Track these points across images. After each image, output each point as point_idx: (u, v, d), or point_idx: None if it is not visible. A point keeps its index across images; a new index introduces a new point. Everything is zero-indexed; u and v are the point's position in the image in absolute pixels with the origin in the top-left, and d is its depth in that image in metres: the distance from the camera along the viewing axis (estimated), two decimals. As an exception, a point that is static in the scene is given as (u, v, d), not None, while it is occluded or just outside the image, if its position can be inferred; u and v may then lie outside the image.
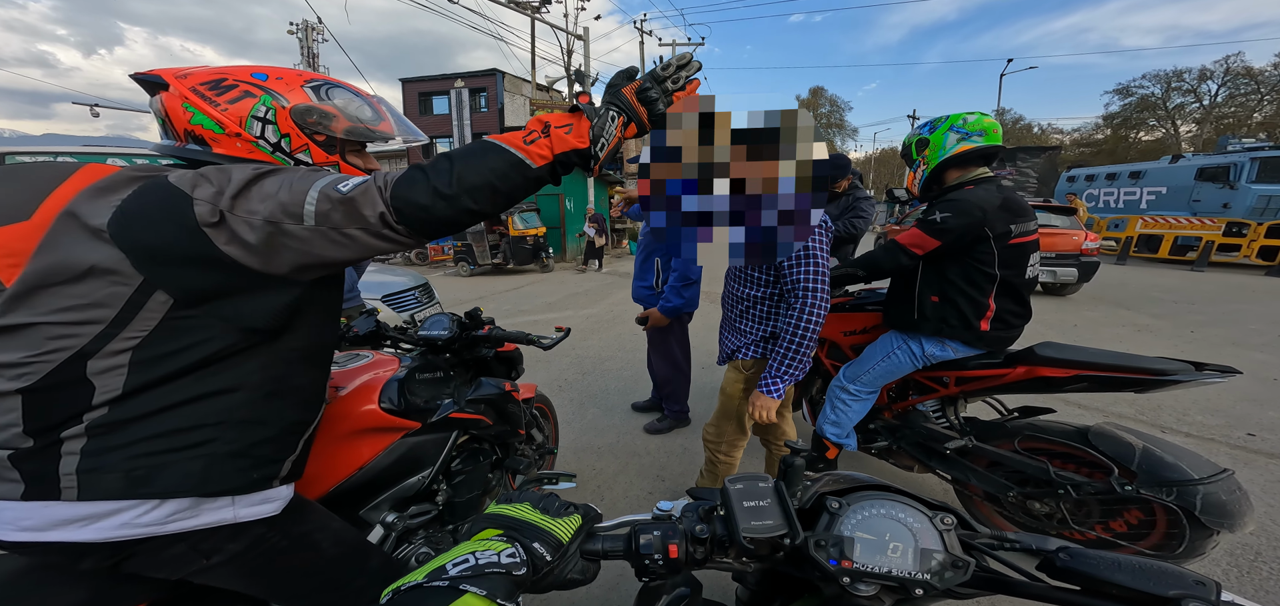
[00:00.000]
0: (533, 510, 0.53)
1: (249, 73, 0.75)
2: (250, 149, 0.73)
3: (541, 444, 2.04)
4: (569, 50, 11.87)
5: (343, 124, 0.81)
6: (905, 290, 1.73)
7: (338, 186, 0.64)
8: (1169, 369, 1.40)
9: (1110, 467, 1.45)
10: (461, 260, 10.41)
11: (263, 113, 0.73)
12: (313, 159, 0.78)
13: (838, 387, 1.89)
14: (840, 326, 2.05)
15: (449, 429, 1.28)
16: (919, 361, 1.72)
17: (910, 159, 1.74)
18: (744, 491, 0.51)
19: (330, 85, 0.82)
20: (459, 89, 21.98)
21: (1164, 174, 11.37)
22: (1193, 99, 29.46)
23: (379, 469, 1.09)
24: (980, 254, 1.56)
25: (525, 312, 6.12)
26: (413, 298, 3.72)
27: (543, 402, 2.11)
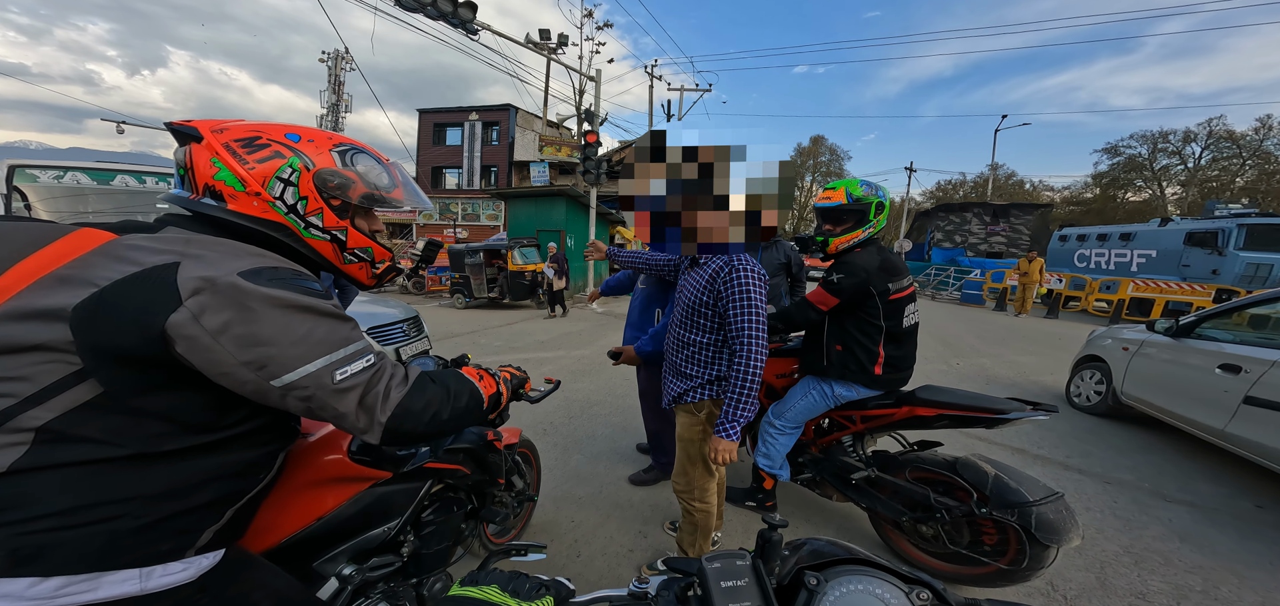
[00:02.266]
0: (501, 593, 0.52)
1: (284, 133, 0.77)
2: (266, 208, 0.74)
3: (521, 491, 1.99)
4: (581, 90, 12.37)
5: (360, 190, 0.82)
6: (816, 339, 1.99)
7: (337, 374, 0.68)
8: (1007, 408, 1.73)
9: (971, 493, 1.72)
10: (458, 292, 10.44)
11: (288, 175, 0.75)
12: (324, 223, 0.80)
13: (766, 423, 2.13)
14: (773, 369, 2.30)
15: (423, 478, 1.24)
16: (830, 401, 1.97)
17: (864, 220, 1.87)
18: (721, 571, 0.50)
19: (356, 150, 0.84)
20: (473, 121, 22.75)
21: (1153, 237, 11.58)
22: (1177, 161, 30.40)
23: (341, 519, 1.04)
24: (868, 308, 1.84)
25: (517, 350, 6.10)
26: (401, 331, 3.73)
27: (526, 448, 2.07)
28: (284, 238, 0.77)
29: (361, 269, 0.90)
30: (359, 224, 0.86)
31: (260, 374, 0.64)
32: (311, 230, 0.79)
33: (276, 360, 0.65)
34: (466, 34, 7.20)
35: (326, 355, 0.68)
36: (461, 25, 6.90)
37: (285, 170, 0.75)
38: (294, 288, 0.67)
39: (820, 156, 51.16)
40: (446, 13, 6.66)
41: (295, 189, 0.76)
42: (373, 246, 0.89)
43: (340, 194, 0.81)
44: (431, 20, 6.78)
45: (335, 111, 21.64)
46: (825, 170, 51.32)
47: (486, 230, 21.32)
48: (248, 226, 0.74)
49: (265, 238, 0.76)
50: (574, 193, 12.17)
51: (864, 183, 1.85)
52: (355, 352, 0.71)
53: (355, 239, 0.85)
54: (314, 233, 0.80)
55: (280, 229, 0.76)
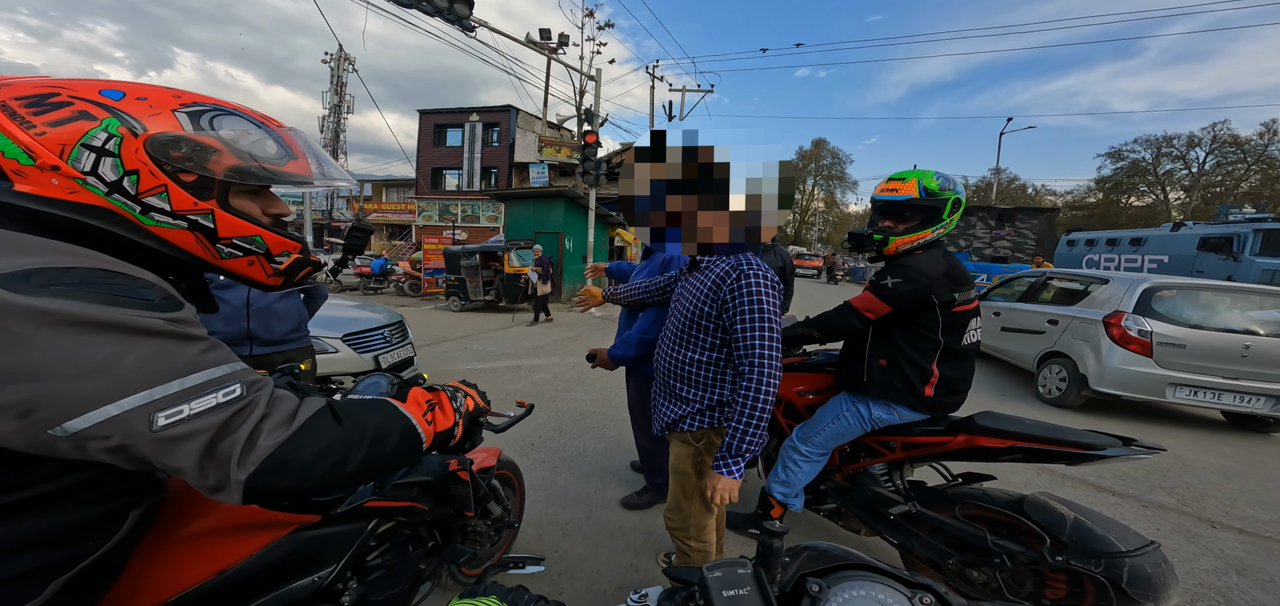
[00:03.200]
0: (500, 604, 0.52)
1: (97, 89, 0.57)
2: (72, 186, 0.54)
3: (500, 518, 1.78)
4: (582, 91, 12.21)
5: (228, 161, 0.62)
6: (856, 352, 1.75)
7: (160, 418, 0.50)
8: (1099, 443, 1.45)
9: (1043, 537, 1.48)
10: (453, 295, 10.27)
11: (101, 141, 0.54)
12: (172, 205, 0.59)
13: (790, 448, 1.90)
14: (795, 385, 2.05)
15: (365, 518, 1.05)
16: (867, 425, 1.73)
17: (934, 218, 1.60)
18: (722, 580, 0.50)
19: (218, 111, 0.64)
20: (473, 122, 22.66)
21: (1165, 242, 11.33)
22: (1181, 165, 30.15)
23: (253, 570, 0.86)
24: (926, 320, 1.59)
25: (510, 355, 5.89)
26: (382, 337, 3.51)
27: (508, 469, 1.87)
28: (113, 227, 0.57)
29: (253, 265, 0.70)
30: (238, 205, 0.66)
31: (26, 421, 0.47)
32: (154, 215, 0.59)
33: (51, 400, 0.47)
34: (463, 30, 7.02)
35: (140, 392, 0.49)
36: (457, 21, 6.72)
37: (97, 136, 0.55)
38: (90, 297, 0.48)
39: (822, 159, 51.07)
40: (442, 8, 6.49)
41: (116, 161, 0.56)
42: (263, 234, 0.68)
43: (193, 166, 0.60)
44: (428, 16, 6.60)
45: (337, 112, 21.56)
46: (827, 173, 51.22)
47: (486, 232, 21.18)
48: (49, 214, 0.54)
49: (82, 228, 0.56)
50: (573, 194, 12.00)
51: (940, 175, 1.59)
52: (196, 386, 0.53)
53: (230, 224, 0.64)
54: (159, 219, 0.59)
55: (103, 215, 0.56)
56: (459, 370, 5.10)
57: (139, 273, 0.54)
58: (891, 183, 1.65)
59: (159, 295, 0.54)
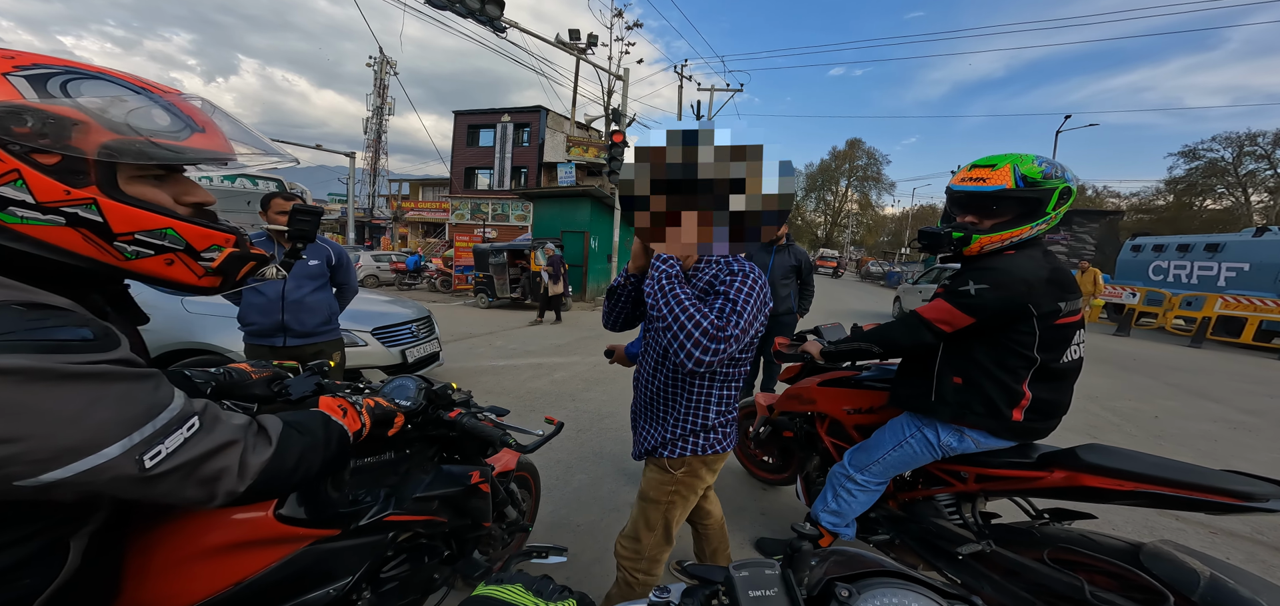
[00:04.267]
0: (526, 593, 0.53)
1: None
2: None
3: (515, 521, 1.78)
4: (610, 91, 12.27)
5: (99, 136, 0.51)
6: (921, 368, 1.53)
7: (147, 459, 0.49)
8: (1258, 493, 1.15)
9: (1166, 595, 1.20)
10: (481, 292, 10.52)
11: None
12: (36, 196, 0.48)
13: (842, 475, 1.70)
14: (844, 402, 1.86)
15: (383, 530, 1.06)
16: (937, 452, 1.51)
17: (1035, 212, 1.33)
18: (749, 580, 0.50)
19: (73, 74, 0.51)
20: (505, 123, 23.21)
21: (1247, 248, 10.22)
22: (1266, 165, 27.16)
23: (268, 582, 0.87)
24: (1019, 334, 1.35)
25: (531, 353, 5.96)
26: (409, 332, 3.61)
27: (526, 471, 1.87)
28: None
29: (174, 264, 0.58)
30: (136, 193, 0.55)
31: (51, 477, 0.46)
32: (14, 211, 0.48)
33: (25, 461, 0.45)
34: (494, 31, 7.17)
35: (126, 437, 0.49)
36: (489, 22, 6.87)
37: None
38: (33, 348, 0.44)
39: (857, 160, 49.28)
40: (474, 10, 6.65)
41: None
42: (177, 226, 0.57)
43: (51, 144, 0.49)
44: (461, 18, 6.78)
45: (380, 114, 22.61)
46: (862, 174, 49.34)
47: (515, 230, 21.66)
48: None
49: None
50: (599, 193, 12.06)
51: (1042, 159, 1.33)
52: (168, 423, 0.52)
53: (125, 216, 0.53)
54: (24, 215, 0.49)
55: None
56: (481, 367, 5.21)
57: (51, 300, 0.48)
58: (976, 170, 1.39)
59: (94, 329, 0.49)
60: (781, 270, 3.74)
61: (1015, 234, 1.35)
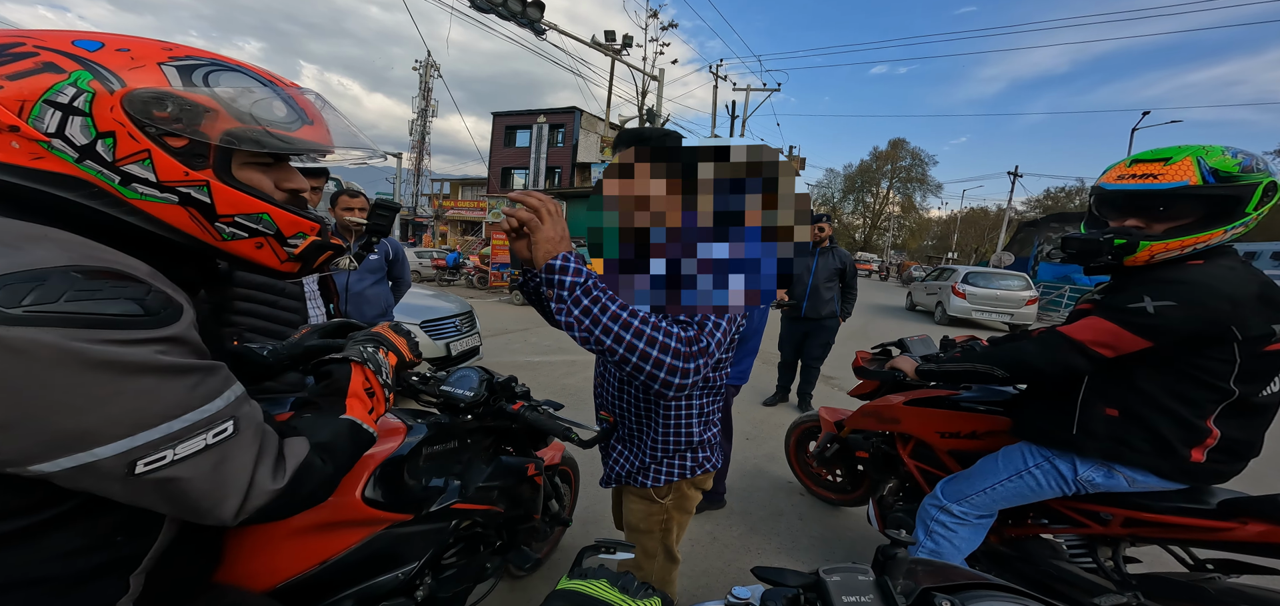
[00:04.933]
0: (611, 588, 0.53)
1: (69, 39, 0.49)
2: (35, 152, 0.46)
3: (556, 514, 1.80)
4: (644, 91, 12.30)
5: (224, 124, 0.53)
6: (1057, 393, 1.31)
7: (139, 464, 0.46)
8: None
9: None
10: (516, 289, 10.79)
11: (67, 98, 0.46)
12: (158, 174, 0.50)
13: (936, 508, 1.50)
14: (936, 425, 1.65)
15: (448, 518, 1.10)
16: (1069, 488, 1.30)
17: (1227, 213, 1.10)
18: (842, 584, 0.48)
19: (216, 66, 0.54)
20: (540, 124, 23.74)
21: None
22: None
23: (349, 563, 0.91)
24: (1211, 361, 1.11)
25: (565, 349, 6.04)
26: (453, 326, 3.74)
27: (568, 466, 1.90)
28: (90, 202, 0.49)
29: (263, 248, 0.60)
30: (242, 178, 0.57)
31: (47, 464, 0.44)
32: (137, 187, 0.50)
33: (17, 447, 0.43)
34: (534, 33, 7.34)
35: (124, 439, 0.45)
36: (529, 24, 7.04)
37: (63, 91, 0.46)
38: (69, 321, 0.42)
39: (900, 160, 47.00)
40: (516, 12, 6.84)
41: (87, 121, 0.47)
42: (271, 211, 0.59)
43: (182, 129, 0.51)
44: (503, 20, 6.99)
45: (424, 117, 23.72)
46: (905, 175, 47.05)
47: (548, 229, 22.06)
48: (14, 185, 0.47)
49: (54, 203, 0.48)
50: (632, 193, 12.10)
51: (1234, 150, 1.11)
52: (187, 428, 0.49)
53: (230, 199, 0.55)
54: (144, 191, 0.51)
55: (76, 186, 0.48)
56: (517, 361, 5.33)
57: (126, 266, 0.48)
58: (1141, 166, 1.18)
59: (148, 303, 0.47)
60: (825, 273, 3.63)
61: (1203, 239, 1.11)
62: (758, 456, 3.05)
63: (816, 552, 2.17)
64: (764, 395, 4.15)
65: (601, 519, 2.30)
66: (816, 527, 2.35)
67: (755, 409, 3.92)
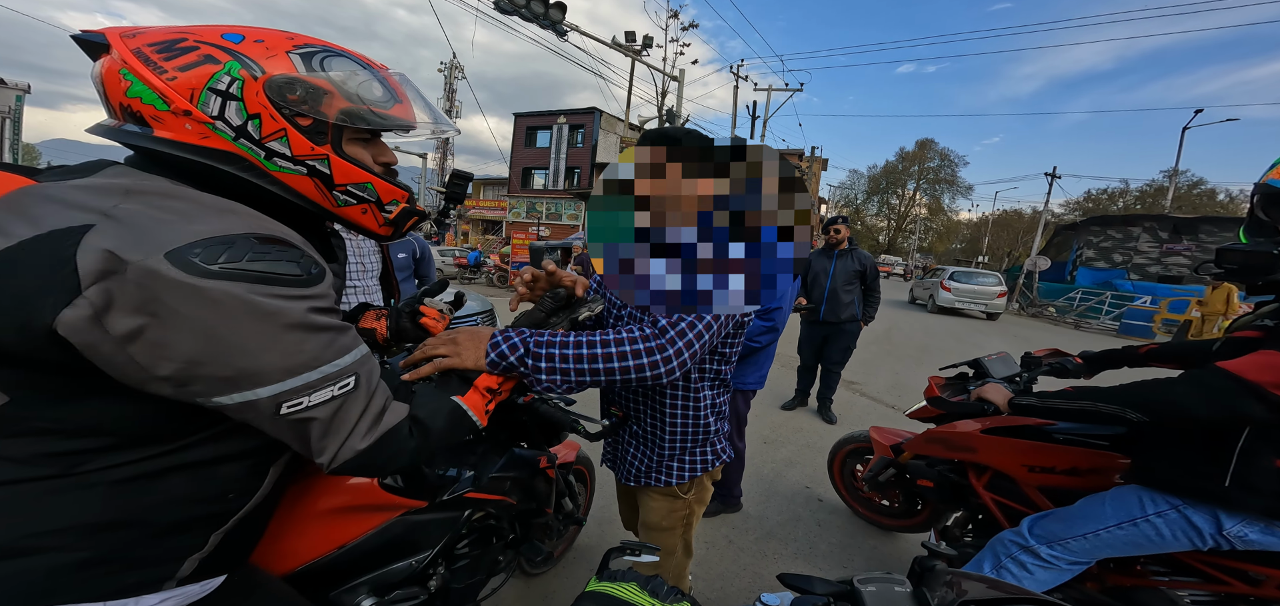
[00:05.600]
0: (641, 592, 0.53)
1: (219, 34, 0.58)
2: (205, 131, 0.56)
3: (570, 513, 1.81)
4: (663, 92, 12.30)
5: (339, 104, 0.62)
6: (1203, 439, 1.13)
7: (284, 407, 0.55)
8: None
9: None
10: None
11: (225, 85, 0.55)
12: (292, 150, 0.60)
13: (1018, 546, 1.33)
14: (1023, 457, 1.48)
15: (461, 507, 1.11)
16: (1204, 542, 1.13)
17: None
18: (878, 595, 0.48)
19: (329, 53, 0.64)
20: (561, 124, 24.04)
21: None
22: None
23: (365, 549, 0.94)
24: None
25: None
26: (475, 323, 3.81)
27: (583, 465, 1.90)
28: (242, 173, 0.58)
29: (366, 213, 0.70)
30: (350, 152, 0.66)
31: (182, 391, 0.51)
32: (277, 161, 0.60)
33: (204, 380, 0.51)
34: (556, 35, 7.42)
35: (276, 383, 0.54)
36: (551, 26, 7.13)
37: (221, 79, 0.55)
38: (251, 278, 0.50)
39: (928, 161, 45.53)
40: (538, 14, 6.93)
41: (240, 105, 0.56)
42: (374, 181, 0.68)
43: (308, 109, 0.60)
44: (525, 22, 7.10)
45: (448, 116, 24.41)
46: (934, 176, 45.55)
47: (567, 229, 22.31)
48: (189, 160, 0.56)
49: (217, 175, 0.58)
50: (651, 193, 12.10)
51: None
52: (319, 380, 0.56)
53: (345, 171, 0.65)
54: (281, 164, 0.60)
55: (232, 160, 0.58)
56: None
57: (288, 236, 0.57)
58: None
59: (304, 266, 0.55)
60: (844, 276, 3.54)
61: None
62: (776, 461, 3.00)
63: (834, 559, 2.12)
64: (782, 399, 4.09)
65: (618, 519, 2.30)
66: (835, 534, 2.29)
67: (774, 413, 3.86)
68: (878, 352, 6.68)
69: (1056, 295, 15.40)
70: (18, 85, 6.61)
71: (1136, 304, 12.10)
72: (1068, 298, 14.68)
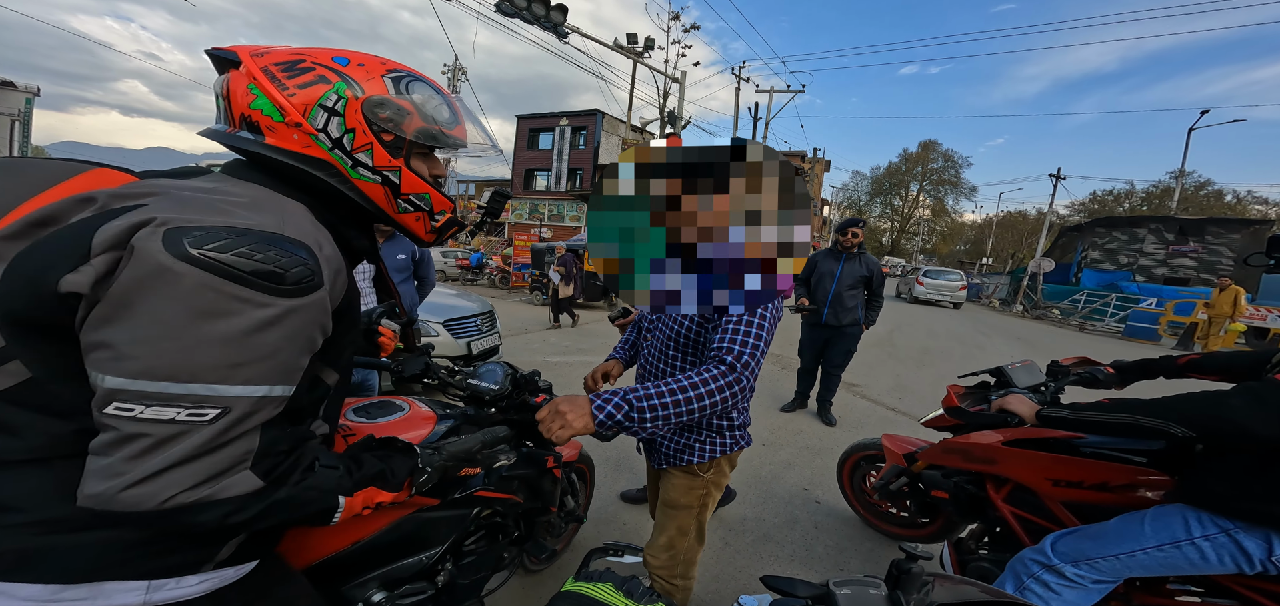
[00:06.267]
0: (616, 592, 0.54)
1: (330, 56, 0.67)
2: (308, 141, 0.64)
3: (571, 511, 1.83)
4: (665, 93, 12.32)
5: (416, 123, 0.71)
6: (1261, 459, 1.07)
7: (135, 408, 0.48)
8: None
9: None
10: (537, 290, 10.96)
11: (331, 102, 0.64)
12: (374, 161, 0.69)
13: (1040, 565, 1.27)
14: (1047, 471, 1.41)
15: (471, 505, 1.14)
16: (1252, 567, 1.07)
17: None
18: (853, 598, 0.48)
19: (412, 78, 0.73)
20: (562, 126, 24.10)
21: None
22: None
23: (379, 544, 0.96)
24: None
25: (584, 350, 6.10)
26: (475, 325, 3.83)
27: (584, 464, 1.92)
28: (329, 178, 0.67)
29: (419, 220, 0.78)
30: (415, 166, 0.74)
31: (91, 362, 0.50)
32: (360, 169, 0.68)
33: (116, 356, 0.49)
34: (558, 37, 7.46)
35: (135, 380, 0.48)
36: (553, 28, 7.17)
37: (330, 97, 0.65)
38: (218, 269, 0.50)
39: (932, 163, 45.33)
40: (540, 16, 6.97)
41: (341, 119, 0.65)
42: (431, 193, 0.77)
43: (392, 127, 0.69)
44: (527, 24, 7.14)
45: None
46: (938, 178, 45.37)
47: (570, 231, 22.37)
48: (289, 164, 0.65)
49: (306, 178, 0.66)
50: (653, 195, 12.10)
51: None
52: (179, 395, 0.49)
53: (410, 182, 0.73)
54: (363, 173, 0.69)
55: (324, 167, 0.66)
56: (538, 361, 5.42)
57: (308, 239, 0.58)
58: None
59: (295, 275, 0.54)
60: (850, 279, 3.50)
61: None
62: (773, 463, 3.01)
63: (831, 562, 2.12)
64: (782, 400, 4.09)
65: (615, 518, 2.32)
66: (832, 536, 2.30)
67: (772, 414, 3.87)
68: (879, 355, 6.66)
69: (1061, 297, 15.31)
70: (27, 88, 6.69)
71: (1142, 306, 12.02)
72: (1072, 300, 14.59)
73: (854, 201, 48.72)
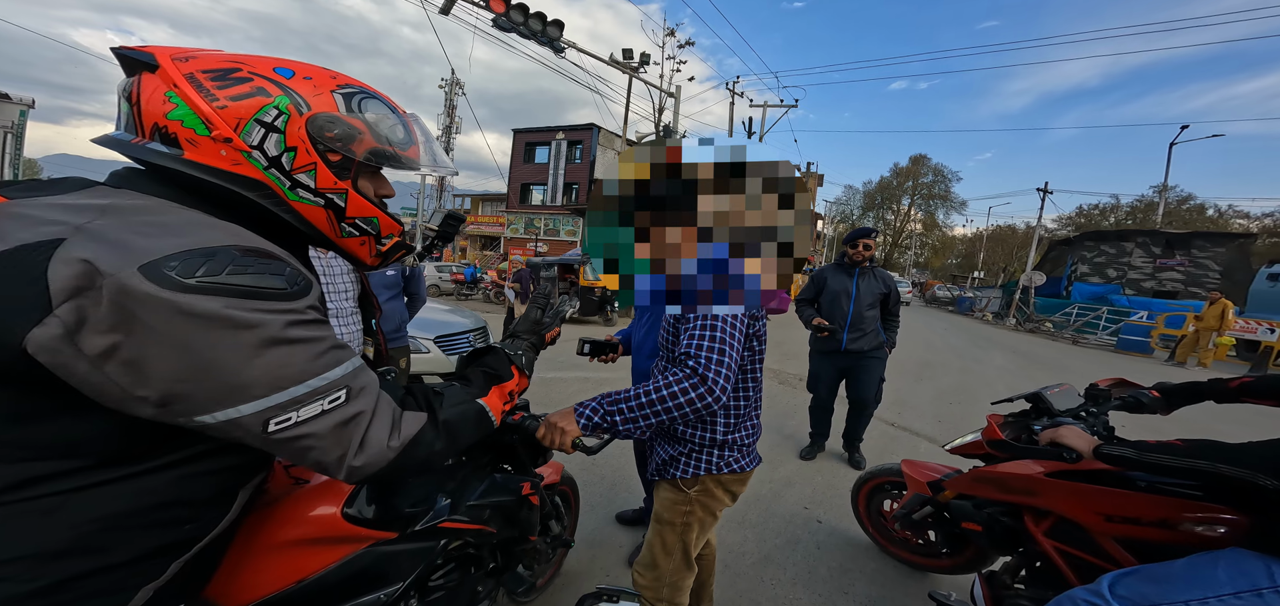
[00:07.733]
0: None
1: (272, 66, 0.60)
2: (238, 158, 0.56)
3: (557, 536, 1.75)
4: (661, 108, 12.46)
5: (367, 144, 0.65)
6: None
7: (272, 424, 0.52)
8: None
9: None
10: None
11: (271, 117, 0.57)
12: (317, 183, 0.62)
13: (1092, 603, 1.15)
14: (1101, 506, 1.30)
15: (436, 537, 1.06)
16: None
17: None
18: None
19: (366, 94, 0.67)
20: (559, 140, 24.26)
21: None
22: None
23: (328, 583, 0.88)
24: None
25: (579, 366, 6.02)
26: (467, 341, 3.76)
27: (568, 486, 1.84)
28: (262, 200, 0.59)
29: (363, 245, 0.72)
30: (362, 186, 0.68)
31: (163, 412, 0.49)
32: (300, 192, 0.61)
33: (185, 399, 0.49)
34: (554, 52, 7.53)
35: (260, 399, 0.51)
36: (549, 43, 7.24)
37: (269, 112, 0.57)
38: (230, 291, 0.49)
39: (922, 176, 46.11)
40: (537, 32, 7.04)
41: (280, 137, 0.58)
42: (379, 216, 0.70)
43: (341, 146, 0.63)
44: (524, 39, 7.20)
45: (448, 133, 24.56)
46: (928, 192, 46.07)
47: (565, 245, 22.38)
48: (210, 183, 0.56)
49: (232, 198, 0.58)
50: (648, 209, 12.17)
51: None
52: (308, 394, 0.54)
53: (357, 205, 0.67)
54: (303, 195, 0.62)
55: (257, 187, 0.58)
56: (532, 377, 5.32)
57: (274, 250, 0.55)
58: None
59: (289, 278, 0.54)
60: (868, 298, 2.98)
61: None
62: (775, 481, 2.94)
63: (834, 584, 2.05)
64: (786, 430, 3.85)
65: (606, 542, 2.23)
66: (835, 557, 2.22)
67: (769, 433, 3.79)
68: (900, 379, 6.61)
69: (1053, 310, 15.45)
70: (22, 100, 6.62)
71: (1133, 319, 12.15)
72: (1064, 313, 14.73)
73: (847, 215, 49.30)
